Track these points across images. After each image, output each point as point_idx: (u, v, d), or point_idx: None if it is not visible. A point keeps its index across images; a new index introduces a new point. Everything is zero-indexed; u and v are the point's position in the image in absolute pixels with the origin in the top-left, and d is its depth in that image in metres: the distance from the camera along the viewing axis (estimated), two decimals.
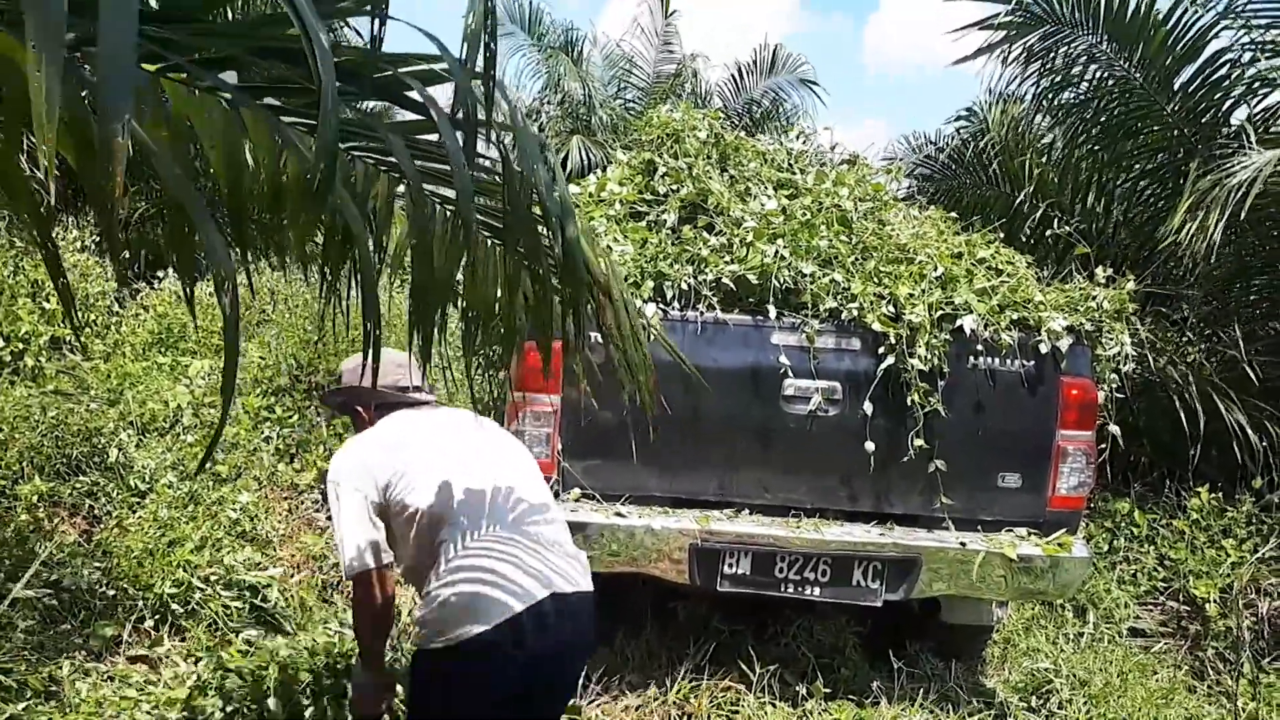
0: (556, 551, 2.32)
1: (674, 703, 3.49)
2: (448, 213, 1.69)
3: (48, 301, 5.49)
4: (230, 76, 1.33)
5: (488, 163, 1.55)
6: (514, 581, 2.18)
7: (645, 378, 1.90)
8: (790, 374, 3.52)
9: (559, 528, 2.41)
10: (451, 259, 1.62)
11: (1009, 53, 6.81)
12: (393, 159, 1.43)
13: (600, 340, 1.91)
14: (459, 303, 1.81)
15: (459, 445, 2.50)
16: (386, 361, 2.74)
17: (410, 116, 1.45)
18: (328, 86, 1.01)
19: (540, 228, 1.47)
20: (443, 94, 1.39)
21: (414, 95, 1.29)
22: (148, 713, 2.85)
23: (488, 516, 2.30)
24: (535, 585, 2.19)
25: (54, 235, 1.60)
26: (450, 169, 1.26)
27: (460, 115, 1.22)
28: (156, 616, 3.39)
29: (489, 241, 1.79)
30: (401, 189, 1.53)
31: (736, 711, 3.53)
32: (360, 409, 2.67)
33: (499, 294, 1.83)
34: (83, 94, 1.06)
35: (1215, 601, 4.66)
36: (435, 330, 1.62)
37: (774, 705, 3.58)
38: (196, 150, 1.37)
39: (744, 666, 3.67)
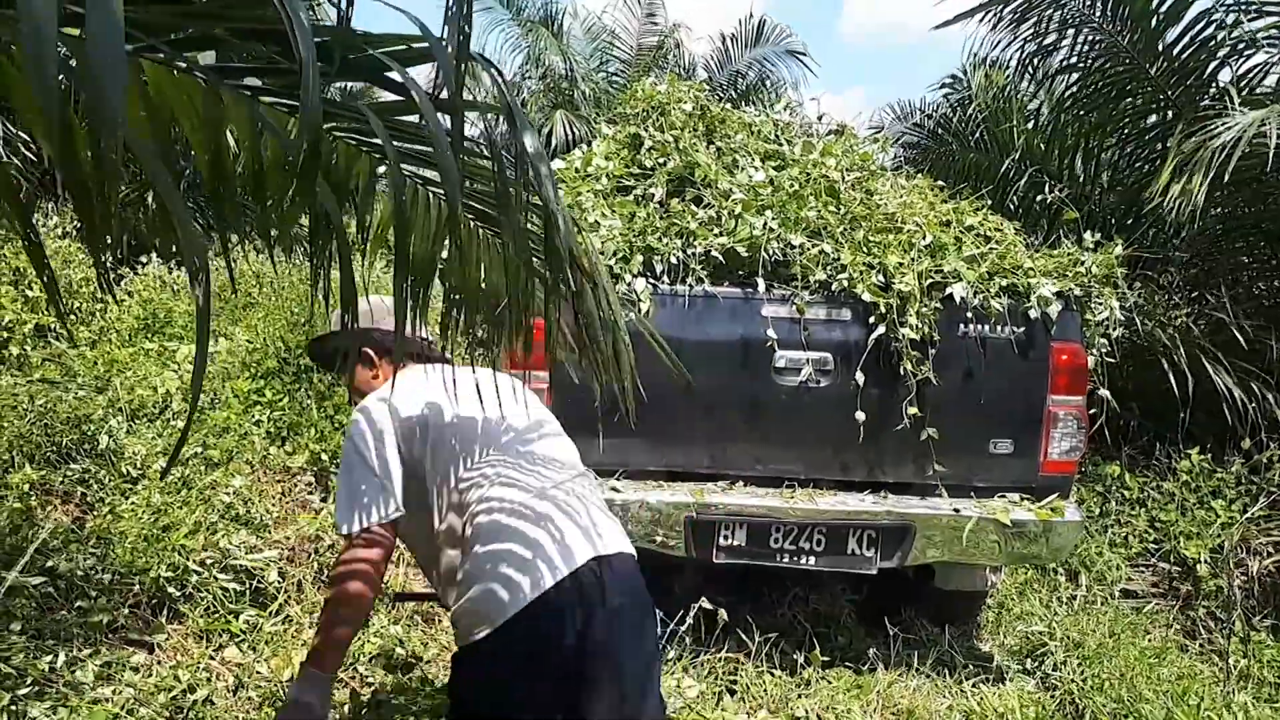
0: (595, 513, 2.09)
1: (672, 674, 3.51)
2: (430, 194, 1.66)
3: (30, 289, 5.44)
4: (208, 57, 1.30)
5: (471, 144, 1.52)
6: (552, 549, 1.95)
7: (626, 364, 1.80)
8: (781, 346, 3.52)
9: (594, 489, 2.20)
10: (436, 241, 1.59)
11: (1000, 15, 6.78)
12: (376, 140, 1.41)
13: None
14: (446, 283, 1.77)
15: (488, 408, 2.20)
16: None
17: (391, 98, 1.42)
18: (309, 66, 0.98)
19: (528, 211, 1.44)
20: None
21: (394, 76, 1.27)
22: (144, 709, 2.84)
23: (522, 483, 2.07)
24: (577, 550, 1.97)
25: (34, 221, 1.58)
26: (433, 153, 1.24)
27: (444, 96, 1.20)
28: (154, 601, 3.38)
29: (473, 224, 1.76)
30: (383, 170, 1.50)
31: (735, 681, 3.56)
32: (374, 353, 2.39)
33: (483, 276, 1.78)
34: (59, 80, 1.03)
35: (1206, 562, 4.71)
36: (418, 311, 1.54)
37: (772, 674, 3.61)
38: (176, 133, 1.34)
39: (742, 636, 3.70)
